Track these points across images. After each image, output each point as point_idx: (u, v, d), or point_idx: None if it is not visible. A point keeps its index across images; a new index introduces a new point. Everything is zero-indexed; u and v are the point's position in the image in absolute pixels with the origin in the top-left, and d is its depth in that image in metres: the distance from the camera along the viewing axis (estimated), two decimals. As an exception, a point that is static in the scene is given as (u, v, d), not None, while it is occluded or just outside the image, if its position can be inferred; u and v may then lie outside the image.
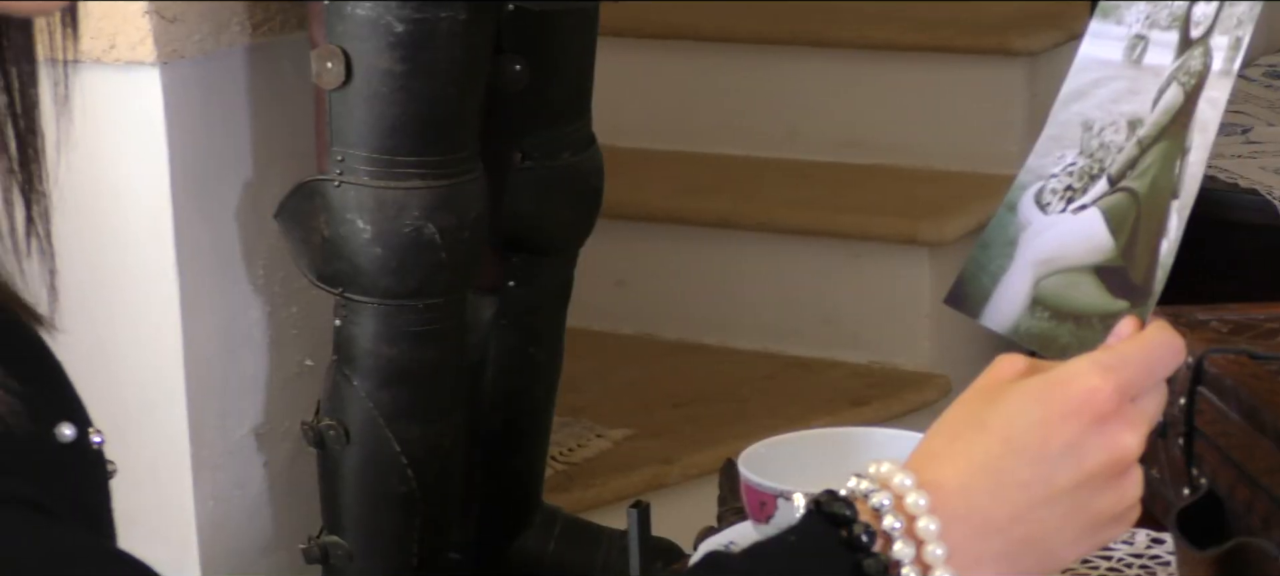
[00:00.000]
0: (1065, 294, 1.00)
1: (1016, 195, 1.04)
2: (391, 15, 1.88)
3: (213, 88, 2.07)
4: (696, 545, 1.41)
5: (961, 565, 0.89)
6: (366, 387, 1.98)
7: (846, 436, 1.20)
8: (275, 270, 2.13)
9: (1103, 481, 0.91)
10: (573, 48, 2.11)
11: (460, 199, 1.94)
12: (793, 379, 2.78)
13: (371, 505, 2.01)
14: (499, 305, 2.16)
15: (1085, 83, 1.04)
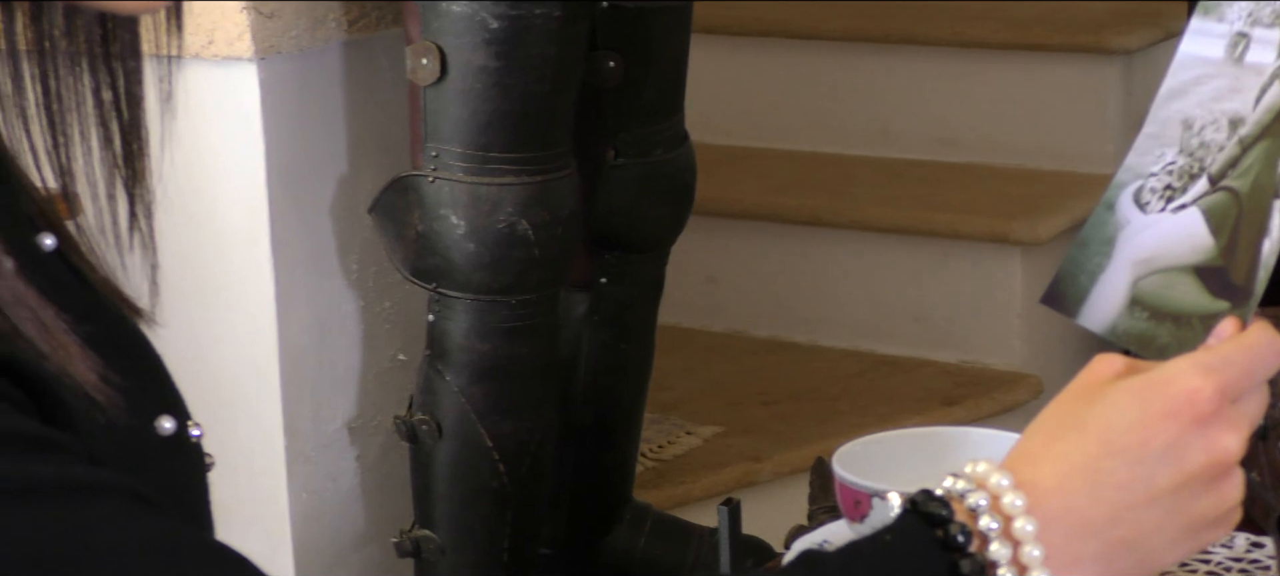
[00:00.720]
0: (1164, 294, 1.00)
1: (1115, 194, 1.03)
2: (487, 12, 1.88)
3: (309, 83, 2.08)
4: (787, 543, 1.41)
5: (1058, 566, 0.88)
6: (459, 383, 1.99)
7: (942, 436, 1.19)
8: (369, 264, 2.15)
9: (1203, 483, 0.91)
10: (667, 45, 2.11)
11: (554, 195, 1.95)
12: (882, 377, 2.77)
13: (463, 500, 2.02)
14: (591, 302, 2.17)
15: (1186, 80, 1.03)
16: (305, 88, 2.08)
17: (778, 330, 2.93)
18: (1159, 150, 1.03)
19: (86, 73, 0.97)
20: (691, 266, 2.70)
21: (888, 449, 1.17)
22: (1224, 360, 0.92)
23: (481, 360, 1.98)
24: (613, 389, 2.22)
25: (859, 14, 3.13)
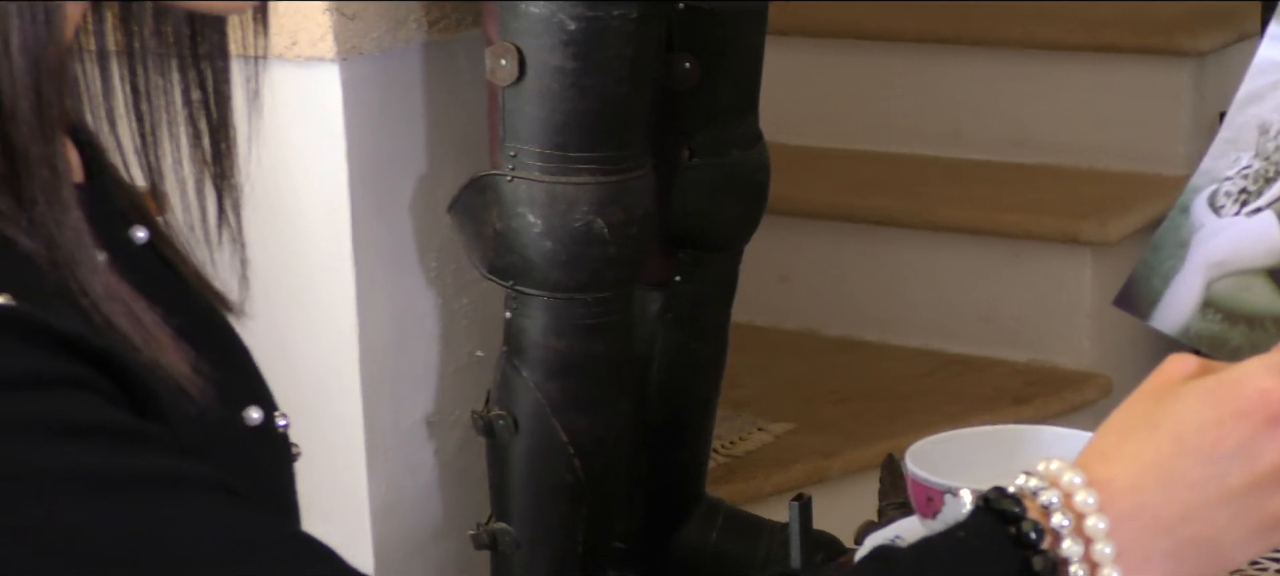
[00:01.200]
0: (1238, 296, 1.00)
1: (1189, 198, 1.03)
2: (564, 13, 1.89)
3: (390, 83, 2.09)
4: (857, 538, 1.41)
5: (1130, 564, 0.88)
6: (535, 379, 1.99)
7: (1013, 434, 1.19)
8: (448, 262, 2.16)
9: (1275, 483, 0.90)
10: (742, 46, 2.11)
11: (629, 194, 1.95)
12: (953, 376, 2.77)
13: (538, 494, 2.03)
14: (665, 300, 2.17)
15: (1263, 86, 1.03)
16: (386, 88, 2.09)
17: (849, 329, 2.93)
18: (1235, 154, 1.02)
19: (175, 72, 0.98)
20: (764, 265, 2.70)
21: (959, 446, 1.17)
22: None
23: (557, 357, 1.99)
24: (686, 386, 2.22)
25: (931, 15, 3.13)
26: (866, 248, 2.91)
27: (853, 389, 2.74)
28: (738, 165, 2.15)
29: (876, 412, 2.64)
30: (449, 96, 2.15)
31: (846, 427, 2.59)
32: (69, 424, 0.78)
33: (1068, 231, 2.76)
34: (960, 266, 2.85)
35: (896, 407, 2.65)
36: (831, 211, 2.91)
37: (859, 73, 3.12)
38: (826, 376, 2.78)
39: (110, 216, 0.95)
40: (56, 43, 0.84)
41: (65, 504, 0.77)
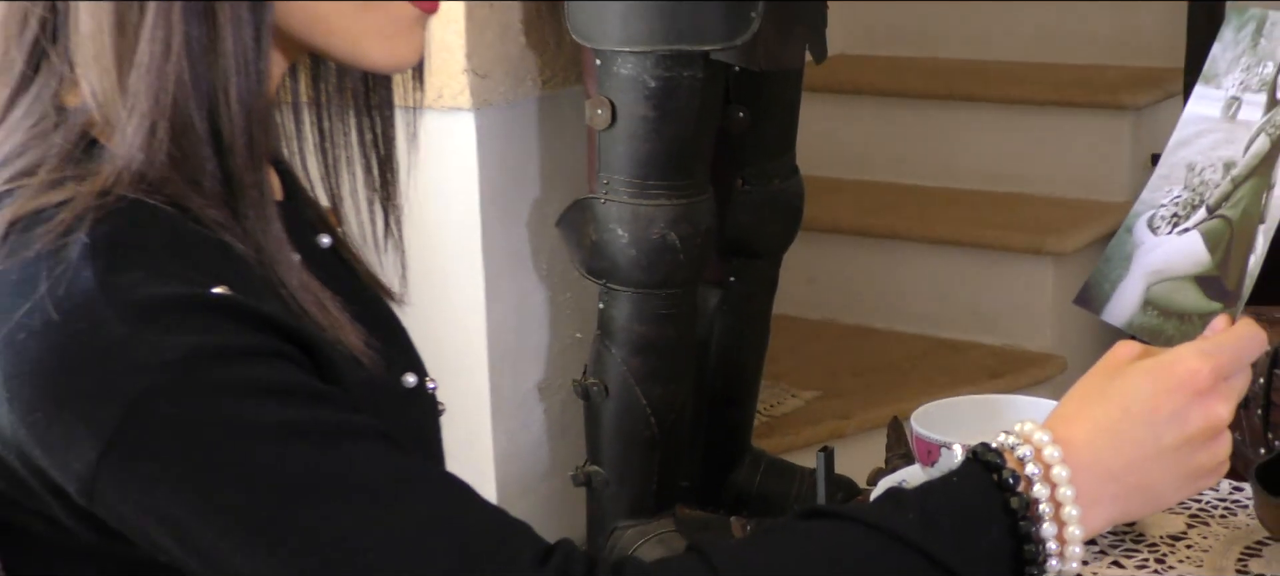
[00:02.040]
0: (1172, 297, 0.99)
1: (1133, 221, 1.02)
2: (647, 74, 1.89)
3: (512, 127, 2.10)
4: (869, 482, 1.41)
5: (1085, 503, 0.88)
6: (622, 355, 2.00)
7: (993, 402, 1.19)
8: (555, 265, 2.17)
9: (1200, 442, 0.90)
10: (783, 99, 2.11)
11: (695, 214, 1.96)
12: (943, 356, 2.76)
13: (623, 444, 2.03)
14: (721, 295, 2.18)
15: (1190, 134, 1.02)
16: (509, 131, 2.10)
17: (862, 319, 2.92)
18: (1168, 187, 1.02)
19: (352, 118, 0.99)
20: (798, 269, 2.69)
21: (951, 411, 1.17)
22: (1217, 347, 0.91)
23: (639, 338, 1.99)
24: (737, 363, 2.22)
25: (930, 75, 3.12)
26: (877, 256, 2.90)
27: (865, 365, 2.73)
28: (779, 192, 2.15)
29: (884, 384, 2.63)
30: (557, 137, 2.15)
31: (860, 395, 2.58)
32: (271, 385, 0.79)
33: (1034, 245, 2.75)
34: (950, 271, 2.84)
35: (899, 380, 2.64)
36: (850, 228, 2.90)
37: (874, 121, 3.11)
38: (844, 355, 2.78)
39: (302, 227, 0.96)
40: (263, 95, 0.85)
41: (268, 446, 0.78)
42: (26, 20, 0.86)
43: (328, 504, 0.78)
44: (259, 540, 0.78)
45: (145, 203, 0.82)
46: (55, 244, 0.79)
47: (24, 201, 0.81)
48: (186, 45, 0.82)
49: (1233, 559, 1.08)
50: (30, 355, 0.78)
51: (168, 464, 0.77)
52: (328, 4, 0.87)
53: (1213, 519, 1.14)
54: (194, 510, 0.78)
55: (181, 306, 0.78)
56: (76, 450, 0.78)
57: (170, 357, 0.77)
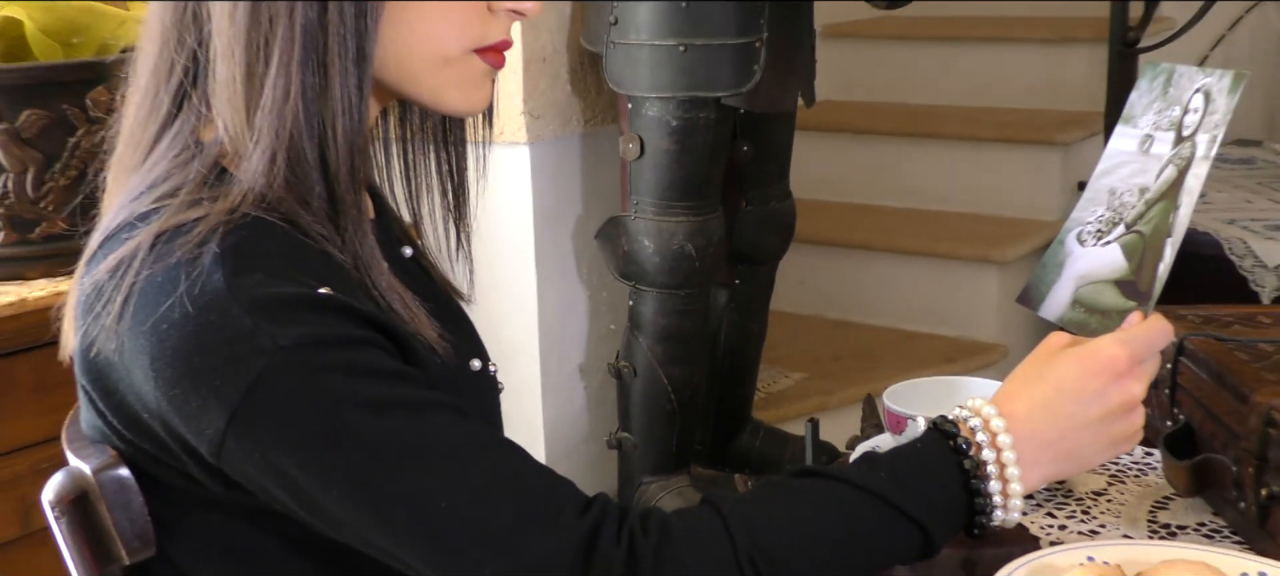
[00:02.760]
0: (1096, 297, 0.98)
1: (1064, 235, 1.02)
2: (670, 115, 1.89)
3: (560, 158, 2.11)
4: (848, 447, 1.40)
5: (1024, 465, 0.87)
6: (648, 343, 2.00)
7: (950, 382, 1.18)
8: (594, 270, 2.17)
9: (1119, 415, 0.89)
10: (780, 137, 2.11)
11: (708, 229, 1.96)
12: (908, 345, 2.75)
13: (649, 415, 2.04)
14: (729, 295, 2.18)
15: (1111, 165, 1.02)
16: (558, 161, 2.10)
17: (842, 314, 2.92)
18: (1093, 208, 1.02)
19: (432, 151, 0.99)
20: (791, 274, 2.69)
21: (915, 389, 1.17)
22: (1133, 338, 0.90)
23: (662, 330, 1.99)
24: (741, 349, 2.22)
25: (898, 117, 3.12)
26: (855, 264, 2.89)
27: (844, 351, 2.73)
28: (776, 211, 2.14)
29: (859, 367, 2.63)
30: (596, 166, 2.16)
31: (840, 376, 2.58)
32: (365, 367, 0.79)
33: (982, 255, 2.74)
34: (913, 276, 2.84)
35: (872, 364, 2.64)
36: (833, 241, 2.90)
37: (853, 155, 3.11)
38: (827, 344, 2.77)
39: (390, 240, 0.96)
40: (362, 132, 0.85)
41: (362, 416, 0.78)
42: (173, 69, 0.87)
43: (411, 463, 0.79)
44: (355, 493, 0.78)
45: (265, 219, 0.82)
46: (192, 253, 0.79)
47: (167, 218, 0.82)
48: (302, 92, 0.82)
49: (1145, 511, 1.07)
50: (171, 342, 0.78)
51: (281, 430, 0.78)
52: (416, 61, 0.87)
53: (1129, 478, 1.13)
54: (302, 468, 0.78)
55: (293, 303, 0.79)
56: (208, 418, 0.78)
57: (284, 343, 0.77)
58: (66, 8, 1.61)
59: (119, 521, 0.86)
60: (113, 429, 0.85)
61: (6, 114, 1.57)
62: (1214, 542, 1.01)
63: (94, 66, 1.61)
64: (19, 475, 1.52)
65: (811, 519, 0.84)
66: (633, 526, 0.81)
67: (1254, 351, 1.09)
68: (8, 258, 1.61)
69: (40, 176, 1.59)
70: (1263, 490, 0.97)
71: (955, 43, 3.22)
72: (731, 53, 1.89)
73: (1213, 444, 1.05)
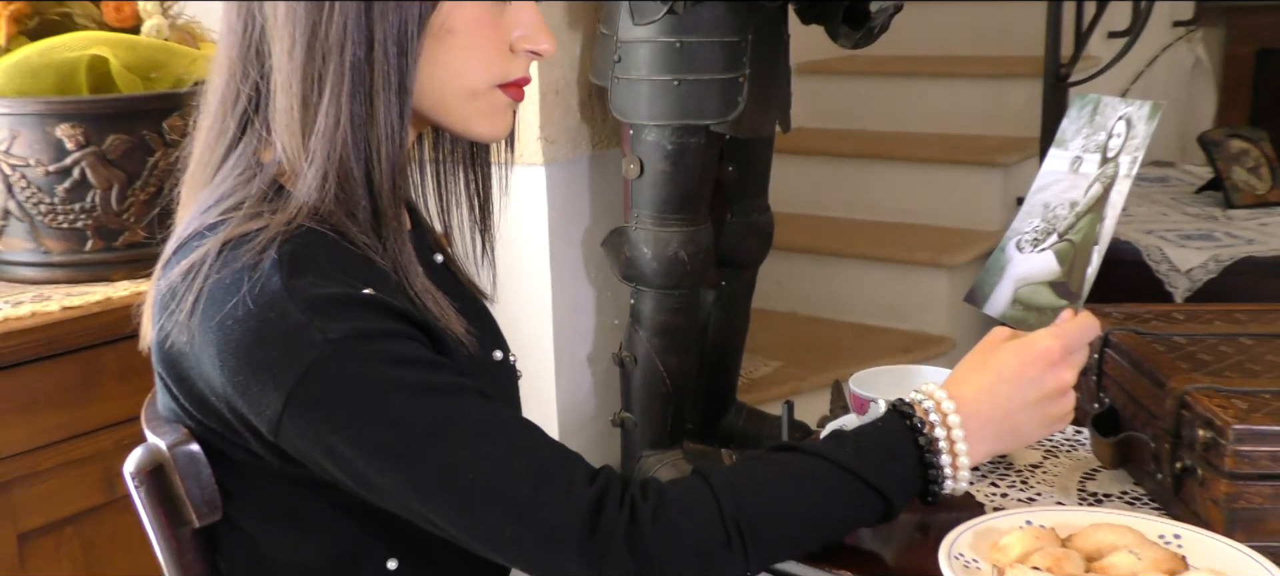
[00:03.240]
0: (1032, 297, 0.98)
1: (1005, 243, 1.02)
2: (665, 140, 1.89)
3: (571, 177, 2.10)
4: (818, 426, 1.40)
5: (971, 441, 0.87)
6: (647, 336, 1.99)
7: (907, 370, 1.18)
8: (600, 273, 2.16)
9: (1052, 399, 0.89)
10: (760, 159, 2.10)
11: (698, 238, 1.95)
12: (870, 338, 2.75)
13: (647, 398, 2.03)
14: (716, 294, 2.17)
15: (1046, 182, 1.02)
16: (569, 179, 2.10)
17: (814, 311, 2.91)
18: (1031, 220, 1.01)
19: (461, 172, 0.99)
20: (770, 276, 2.69)
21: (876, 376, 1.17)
22: (1065, 331, 0.90)
23: (659, 324, 1.99)
24: (726, 341, 2.22)
25: (862, 141, 3.12)
26: (825, 268, 2.89)
27: (816, 343, 2.73)
28: (756, 223, 2.14)
29: (828, 357, 2.62)
30: (602, 184, 2.15)
31: (812, 364, 2.57)
32: (403, 357, 0.79)
33: (934, 260, 2.74)
34: (875, 278, 2.83)
35: (839, 354, 2.63)
36: (807, 248, 2.89)
37: (823, 174, 3.11)
38: (801, 337, 2.77)
39: (424, 248, 0.96)
40: (402, 155, 0.85)
41: (401, 398, 0.78)
42: (238, 98, 0.87)
43: (443, 439, 0.79)
44: (395, 464, 0.78)
45: (317, 230, 0.82)
46: (254, 258, 0.79)
47: (232, 228, 0.82)
48: (351, 119, 0.83)
49: (1075, 481, 1.07)
50: (235, 335, 0.78)
51: (331, 411, 0.78)
52: (448, 94, 0.88)
53: (1062, 453, 1.13)
54: (348, 443, 0.78)
55: (341, 301, 0.79)
56: (267, 400, 0.78)
57: (333, 336, 0.77)
58: (146, 46, 1.61)
59: (190, 489, 0.86)
60: (185, 410, 0.85)
61: (95, 138, 1.57)
62: (1135, 508, 1.01)
63: (170, 98, 1.61)
64: (104, 449, 1.52)
65: (787, 487, 0.84)
66: (633, 493, 0.81)
67: (1169, 343, 1.09)
68: (96, 262, 1.61)
69: (123, 192, 1.60)
70: (1177, 464, 0.97)
71: (911, 77, 3.22)
72: (719, 86, 1.89)
73: (1134, 423, 1.05)
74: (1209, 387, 0.96)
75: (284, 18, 0.82)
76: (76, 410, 1.50)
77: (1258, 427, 0.90)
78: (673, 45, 1.86)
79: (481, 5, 0.85)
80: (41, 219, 1.58)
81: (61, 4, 1.61)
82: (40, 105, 1.54)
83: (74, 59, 1.56)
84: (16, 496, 1.46)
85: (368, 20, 0.81)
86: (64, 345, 1.48)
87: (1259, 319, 1.16)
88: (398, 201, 0.85)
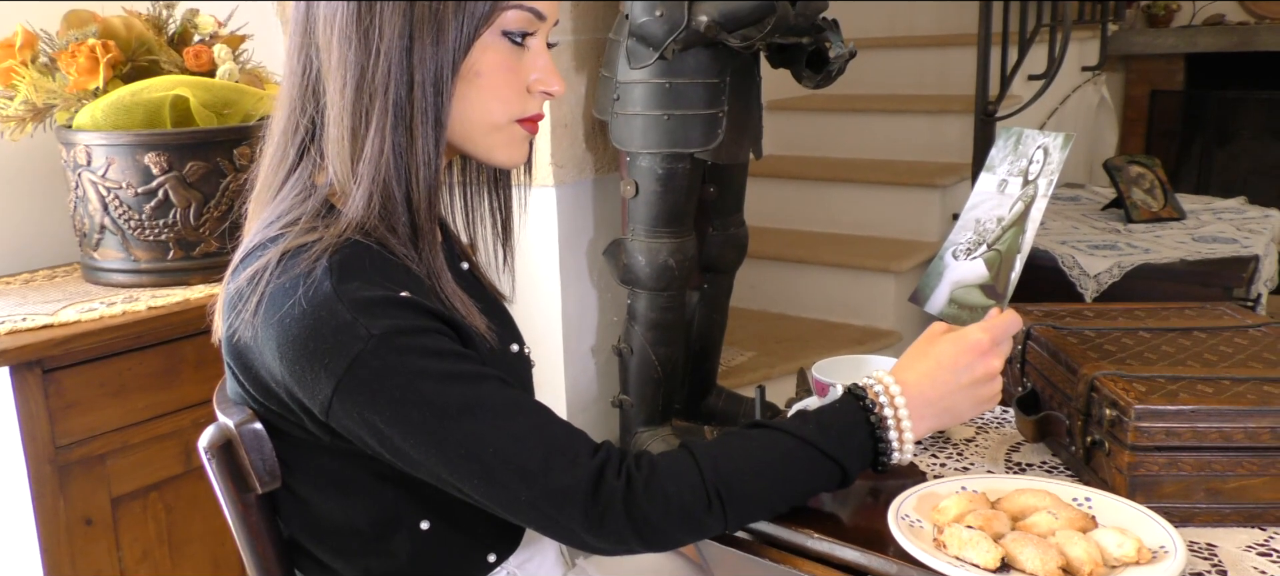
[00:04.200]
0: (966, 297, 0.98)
1: (943, 251, 1.01)
2: (657, 165, 1.88)
3: (578, 196, 2.09)
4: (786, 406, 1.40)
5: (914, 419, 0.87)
6: (641, 330, 1.98)
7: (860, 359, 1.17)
8: (602, 277, 2.16)
9: (982, 383, 0.89)
10: (737, 181, 2.09)
11: (685, 248, 1.95)
12: (830, 332, 2.74)
13: (641, 383, 2.02)
14: (700, 296, 2.16)
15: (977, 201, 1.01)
16: (576, 198, 2.09)
17: (783, 309, 2.90)
18: (964, 233, 1.01)
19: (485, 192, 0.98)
20: (745, 279, 2.69)
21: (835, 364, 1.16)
22: (993, 326, 0.90)
23: (651, 321, 1.98)
24: (708, 334, 2.20)
25: (823, 166, 3.10)
26: (792, 272, 2.88)
27: (784, 337, 2.72)
28: (734, 235, 2.13)
29: (795, 348, 2.61)
30: (603, 202, 2.14)
31: (781, 354, 2.57)
32: (435, 349, 0.79)
33: (883, 266, 2.73)
34: (834, 281, 2.83)
35: (803, 346, 2.62)
36: (777, 255, 2.89)
37: (790, 194, 3.10)
38: (772, 331, 2.76)
39: (453, 257, 0.96)
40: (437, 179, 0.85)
41: (435, 384, 0.77)
42: (297, 129, 0.86)
43: (468, 418, 0.78)
44: (430, 440, 0.78)
45: (362, 242, 0.82)
46: (309, 266, 0.79)
47: (290, 241, 0.81)
48: (394, 149, 0.82)
49: (1003, 453, 1.07)
50: (293, 332, 0.78)
51: (374, 395, 0.77)
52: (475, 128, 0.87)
53: (991, 429, 1.13)
54: (389, 423, 0.77)
55: (382, 302, 0.78)
56: (319, 387, 0.77)
57: (376, 332, 0.77)
58: (220, 87, 1.61)
59: (254, 461, 0.85)
60: (249, 394, 0.84)
61: (176, 165, 1.56)
62: (1053, 476, 1.01)
63: (240, 130, 1.61)
64: (183, 427, 1.52)
65: (759, 458, 0.83)
66: (629, 464, 0.80)
67: (1080, 336, 1.09)
68: (177, 269, 1.60)
69: (200, 210, 1.59)
70: (1087, 438, 0.97)
71: (864, 113, 3.22)
72: (702, 120, 1.88)
73: (1052, 404, 1.05)
74: (1114, 374, 0.96)
75: (337, 62, 0.82)
76: (160, 393, 1.50)
77: (1154, 407, 0.89)
78: (663, 86, 1.86)
79: (503, 52, 0.85)
80: (132, 233, 1.58)
81: (150, 53, 1.61)
82: (131, 137, 1.54)
83: (160, 98, 1.55)
84: (111, 466, 1.45)
85: (409, 64, 0.80)
86: (150, 339, 1.48)
87: (1155, 315, 1.15)
88: (432, 218, 0.84)
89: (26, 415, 1.35)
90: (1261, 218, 2.79)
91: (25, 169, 1.78)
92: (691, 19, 1.76)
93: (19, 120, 1.55)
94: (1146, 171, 2.85)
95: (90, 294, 1.57)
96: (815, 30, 1.88)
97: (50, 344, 1.36)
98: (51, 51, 1.57)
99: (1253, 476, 0.89)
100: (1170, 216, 2.76)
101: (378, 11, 0.80)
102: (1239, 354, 1.02)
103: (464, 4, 0.81)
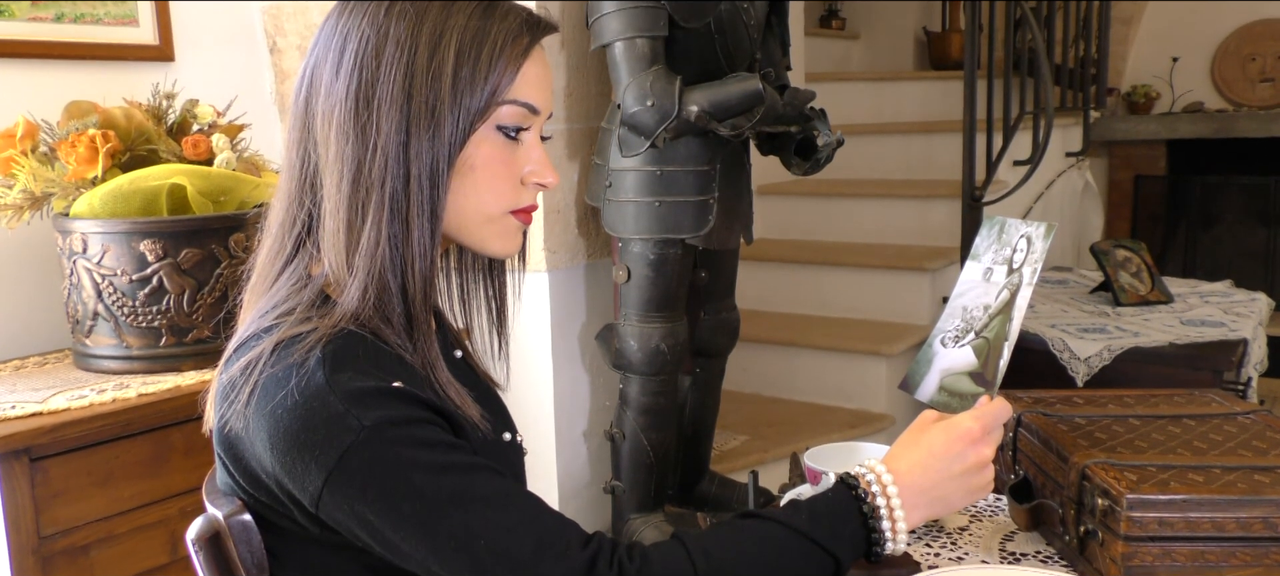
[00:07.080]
0: (955, 385, 0.98)
1: (931, 339, 1.02)
2: (649, 251, 1.90)
3: (570, 282, 2.10)
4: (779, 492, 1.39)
5: (907, 508, 0.86)
6: (633, 414, 1.98)
7: (853, 446, 1.17)
8: (594, 362, 2.16)
9: (975, 471, 0.89)
10: (728, 266, 2.12)
11: (676, 333, 1.95)
12: (823, 415, 2.73)
13: (633, 468, 2.01)
14: (692, 380, 2.16)
15: (963, 288, 1.02)
16: (568, 284, 2.10)
17: (775, 393, 2.89)
18: (952, 320, 1.02)
19: (480, 279, 0.99)
20: (737, 363, 2.68)
21: (827, 451, 1.16)
22: (983, 414, 0.90)
23: (643, 405, 1.98)
24: (701, 419, 2.20)
25: (813, 250, 3.12)
26: (784, 356, 2.88)
27: (776, 421, 2.71)
28: (726, 319, 2.14)
29: (788, 431, 2.60)
30: (596, 288, 2.16)
31: (773, 438, 2.55)
32: (427, 440, 0.78)
33: (874, 349, 2.73)
34: (826, 365, 2.82)
35: (796, 430, 2.61)
36: (767, 340, 2.88)
37: (781, 278, 3.12)
38: (764, 414, 2.75)
39: (447, 345, 0.96)
40: (433, 269, 0.85)
41: (425, 476, 0.77)
42: (295, 222, 0.87)
43: (459, 510, 0.77)
44: (420, 532, 0.77)
45: (356, 332, 0.82)
46: (302, 357, 0.79)
47: (284, 331, 0.82)
48: (390, 241, 0.83)
49: (997, 542, 1.06)
50: (284, 422, 0.77)
51: (364, 487, 0.76)
52: (469, 219, 0.88)
53: (984, 518, 1.12)
54: (380, 516, 0.77)
55: (374, 393, 0.78)
56: (310, 478, 0.77)
57: (367, 423, 0.76)
58: (217, 175, 1.63)
59: (242, 553, 0.84)
60: (239, 485, 0.84)
61: (171, 252, 1.57)
62: (1048, 565, 1.00)
63: (235, 218, 1.62)
64: (170, 516, 1.50)
65: (752, 549, 0.83)
66: (621, 555, 0.80)
67: (1071, 424, 1.09)
68: (169, 355, 1.60)
69: (194, 296, 1.59)
70: (1081, 527, 0.96)
71: (853, 198, 3.26)
72: (693, 207, 1.91)
73: (1044, 492, 1.05)
74: (1105, 462, 0.96)
75: (335, 156, 0.83)
76: (148, 481, 1.48)
77: (1146, 497, 0.89)
78: (655, 173, 1.89)
79: (498, 146, 0.86)
80: (124, 319, 1.58)
81: (149, 142, 1.63)
82: (128, 225, 1.55)
83: (157, 186, 1.57)
84: (95, 556, 1.43)
85: (405, 159, 0.82)
86: (139, 426, 1.46)
87: (1144, 401, 1.16)
88: (428, 309, 0.85)
89: (12, 504, 1.34)
90: (1248, 301, 2.81)
91: (20, 256, 1.79)
92: (682, 109, 1.80)
93: (16, 209, 1.56)
94: (1133, 255, 2.89)
95: (81, 381, 1.56)
96: (803, 119, 1.92)
97: (38, 432, 1.35)
98: (52, 141, 1.59)
99: (1248, 567, 0.88)
100: (1158, 299, 2.78)
101: (375, 107, 0.81)
102: (1228, 441, 1.02)
103: (460, 100, 0.83)
